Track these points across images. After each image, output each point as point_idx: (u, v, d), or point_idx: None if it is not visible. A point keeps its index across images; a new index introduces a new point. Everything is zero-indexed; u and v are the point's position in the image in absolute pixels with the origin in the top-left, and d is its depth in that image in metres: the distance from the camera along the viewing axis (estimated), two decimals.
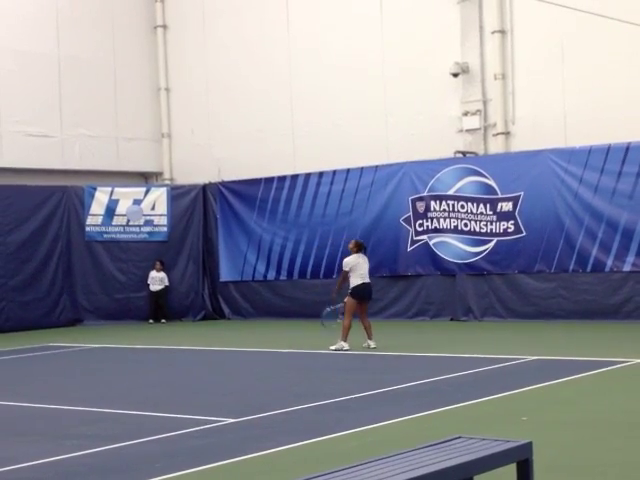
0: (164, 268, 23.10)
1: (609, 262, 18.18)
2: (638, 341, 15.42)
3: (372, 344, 15.44)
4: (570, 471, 7.07)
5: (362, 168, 21.21)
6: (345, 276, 15.54)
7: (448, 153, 20.66)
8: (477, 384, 11.45)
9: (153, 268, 23.06)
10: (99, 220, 23.08)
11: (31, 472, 7.72)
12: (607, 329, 17.20)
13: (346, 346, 15.28)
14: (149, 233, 23.33)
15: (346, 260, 15.59)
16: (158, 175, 26.32)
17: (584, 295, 18.47)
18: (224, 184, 23.44)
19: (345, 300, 15.54)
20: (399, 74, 21.87)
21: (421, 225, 20.32)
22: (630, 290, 18.02)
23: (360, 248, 15.65)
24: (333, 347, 15.34)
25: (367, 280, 15.56)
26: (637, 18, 17.77)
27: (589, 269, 18.42)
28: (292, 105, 23.63)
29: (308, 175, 22.03)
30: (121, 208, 23.19)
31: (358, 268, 15.45)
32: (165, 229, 23.38)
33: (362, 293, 15.48)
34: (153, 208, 23.33)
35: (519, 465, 5.40)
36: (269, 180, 22.60)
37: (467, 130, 21.10)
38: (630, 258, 17.94)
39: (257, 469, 7.52)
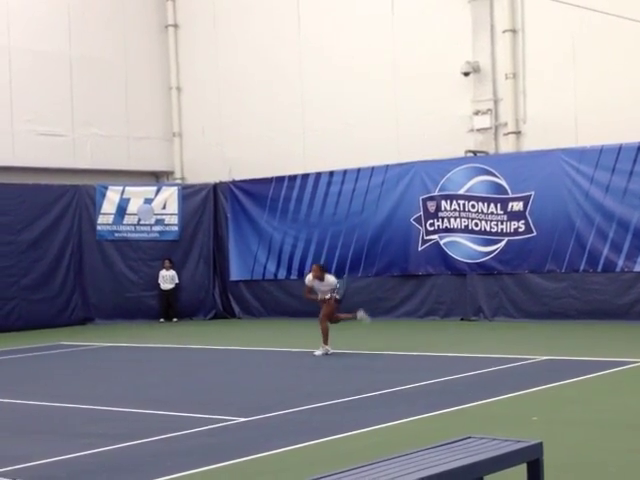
0: (173, 266, 23.13)
1: (620, 262, 18.13)
2: None
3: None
4: (580, 471, 7.07)
5: (373, 167, 21.19)
6: (309, 290, 15.29)
7: (459, 152, 20.63)
8: (487, 384, 11.45)
9: (163, 267, 23.12)
10: (110, 219, 23.11)
11: (43, 470, 7.76)
12: (618, 329, 17.15)
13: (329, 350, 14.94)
14: (160, 232, 23.37)
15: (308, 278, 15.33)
16: (169, 174, 26.39)
17: (595, 295, 18.41)
18: (235, 183, 23.46)
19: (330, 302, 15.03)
20: (410, 73, 21.86)
21: (432, 225, 20.30)
22: None
23: (319, 274, 15.00)
24: (318, 352, 14.91)
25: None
26: None
27: (600, 269, 18.36)
28: (303, 104, 23.65)
29: (319, 174, 22.02)
30: (132, 207, 23.21)
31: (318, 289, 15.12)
32: (176, 228, 23.41)
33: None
34: (164, 207, 23.36)
35: (529, 465, 5.41)
36: (280, 179, 22.61)
37: (478, 129, 21.09)
38: None
39: (266, 468, 7.53)
